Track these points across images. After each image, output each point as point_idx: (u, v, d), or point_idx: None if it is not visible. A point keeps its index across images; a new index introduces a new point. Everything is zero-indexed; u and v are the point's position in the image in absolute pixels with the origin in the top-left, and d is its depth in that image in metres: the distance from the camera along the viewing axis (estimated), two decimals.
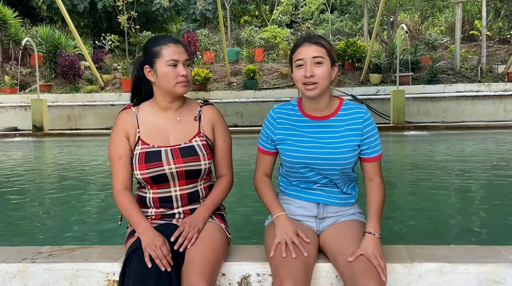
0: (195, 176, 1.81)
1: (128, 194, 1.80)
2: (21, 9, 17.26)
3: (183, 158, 1.77)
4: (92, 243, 2.99)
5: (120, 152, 1.80)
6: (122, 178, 1.80)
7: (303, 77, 1.68)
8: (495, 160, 6.28)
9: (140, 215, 1.74)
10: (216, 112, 1.91)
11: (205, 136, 1.86)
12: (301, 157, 1.74)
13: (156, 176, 1.76)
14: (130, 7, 14.10)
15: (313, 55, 1.68)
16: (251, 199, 3.78)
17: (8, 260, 1.77)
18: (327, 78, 1.69)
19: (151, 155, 1.77)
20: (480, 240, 2.94)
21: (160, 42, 1.80)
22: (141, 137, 1.81)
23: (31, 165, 7.04)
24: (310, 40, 1.71)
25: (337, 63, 1.75)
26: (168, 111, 1.86)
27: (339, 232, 1.72)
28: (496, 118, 11.05)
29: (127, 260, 1.57)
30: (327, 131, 1.76)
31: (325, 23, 18.76)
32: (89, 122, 12.09)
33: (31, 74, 14.05)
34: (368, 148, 1.77)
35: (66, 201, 4.34)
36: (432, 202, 4.05)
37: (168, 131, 1.83)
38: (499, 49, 14.49)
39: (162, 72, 1.77)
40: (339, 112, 1.77)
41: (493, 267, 1.65)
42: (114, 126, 1.85)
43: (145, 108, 1.87)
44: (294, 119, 1.80)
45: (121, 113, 1.87)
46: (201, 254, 1.60)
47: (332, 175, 1.76)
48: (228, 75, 13.12)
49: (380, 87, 12.23)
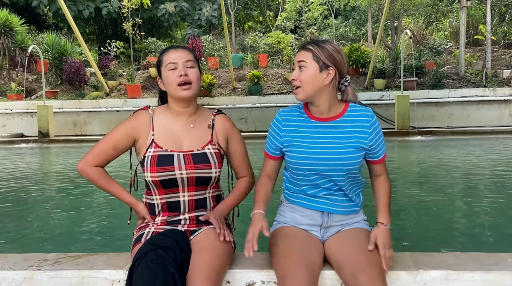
0: (205, 183, 1.82)
1: (105, 171, 1.88)
2: (27, 16, 17.45)
3: (195, 164, 1.79)
4: (98, 250, 3.00)
5: (119, 145, 1.84)
6: (102, 158, 1.84)
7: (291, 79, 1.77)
8: (501, 166, 6.24)
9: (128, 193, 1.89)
10: (228, 121, 1.95)
11: (218, 144, 1.88)
12: (307, 158, 1.74)
13: (166, 180, 1.77)
14: (135, 13, 14.21)
15: (298, 59, 1.74)
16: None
17: (15, 268, 1.78)
18: (310, 82, 1.71)
19: (164, 159, 1.78)
20: (486, 247, 2.91)
21: (163, 51, 1.88)
22: (155, 140, 1.82)
23: (36, 171, 7.08)
24: (303, 45, 1.76)
25: (333, 67, 1.72)
26: (181, 117, 1.88)
27: (344, 241, 1.72)
28: (501, 123, 11.00)
29: (134, 265, 1.58)
30: (332, 132, 1.76)
31: (329, 28, 18.80)
32: (95, 129, 12.16)
33: (37, 81, 14.17)
34: (375, 151, 1.79)
35: (72, 207, 4.36)
36: (437, 208, 4.03)
37: (182, 137, 1.85)
38: (504, 53, 14.46)
39: (165, 78, 1.83)
40: (345, 113, 1.78)
41: (499, 275, 1.64)
42: (128, 120, 1.87)
43: (161, 112, 1.90)
44: (300, 121, 1.81)
45: (138, 112, 1.89)
46: (206, 260, 1.60)
47: (338, 177, 1.75)
48: (232, 81, 13.16)
49: (385, 92, 12.23)
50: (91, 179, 1.85)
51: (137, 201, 1.88)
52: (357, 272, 1.54)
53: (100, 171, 1.86)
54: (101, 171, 1.87)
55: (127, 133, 1.84)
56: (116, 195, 1.88)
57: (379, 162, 1.82)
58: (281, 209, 1.90)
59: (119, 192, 1.87)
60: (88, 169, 1.84)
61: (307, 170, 1.76)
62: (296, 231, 1.78)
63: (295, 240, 1.72)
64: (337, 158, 1.72)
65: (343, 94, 1.81)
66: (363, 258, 1.60)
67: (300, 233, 1.78)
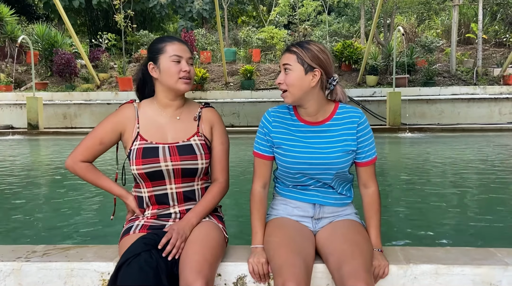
0: (192, 174, 1.81)
1: (93, 165, 1.88)
2: (18, 6, 17.18)
3: (180, 156, 1.78)
4: (87, 242, 2.98)
5: (105, 140, 1.83)
6: (89, 154, 1.84)
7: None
8: (490, 163, 6.31)
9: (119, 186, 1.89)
10: (216, 114, 1.93)
11: (204, 136, 1.87)
12: (296, 162, 1.73)
13: (151, 172, 1.76)
14: (127, 6, 14.06)
15: (283, 62, 1.73)
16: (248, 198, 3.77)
17: (3, 259, 1.76)
18: (296, 85, 1.69)
19: (149, 151, 1.77)
20: (476, 242, 2.94)
21: (166, 40, 1.84)
22: (140, 133, 1.81)
23: (25, 163, 7.00)
24: (287, 47, 1.75)
25: (319, 69, 1.69)
26: (168, 109, 1.86)
27: (331, 233, 1.72)
28: (491, 121, 11.10)
29: (125, 262, 1.52)
30: (322, 136, 1.75)
31: (322, 24, 18.79)
32: (85, 121, 12.04)
33: (26, 72, 13.99)
34: (363, 152, 1.76)
35: (61, 199, 4.32)
36: (427, 203, 4.06)
37: (167, 129, 1.83)
38: (495, 52, 14.58)
39: (165, 67, 1.80)
40: (334, 116, 1.77)
41: (488, 269, 1.65)
42: (113, 114, 1.86)
43: (146, 105, 1.88)
44: (290, 124, 1.79)
45: (123, 106, 1.88)
46: (198, 252, 1.58)
47: (326, 179, 1.76)
48: (225, 75, 13.11)
49: (377, 89, 12.28)
50: (79, 175, 1.85)
51: (127, 193, 1.87)
52: (341, 263, 1.54)
53: (88, 165, 1.85)
54: (89, 165, 1.85)
55: (112, 127, 1.83)
56: (106, 188, 1.86)
57: (366, 164, 1.77)
58: (273, 203, 1.90)
59: (109, 185, 1.86)
60: (75, 165, 1.83)
61: (296, 173, 1.76)
62: (289, 222, 1.79)
63: (289, 230, 1.72)
64: (327, 162, 1.72)
65: (332, 93, 1.79)
66: (347, 248, 1.59)
67: (293, 223, 1.78)
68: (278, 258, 1.58)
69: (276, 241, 1.66)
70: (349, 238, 1.66)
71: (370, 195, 1.79)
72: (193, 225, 1.73)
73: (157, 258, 1.55)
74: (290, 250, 1.59)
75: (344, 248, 1.60)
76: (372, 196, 1.78)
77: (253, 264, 1.66)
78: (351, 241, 1.64)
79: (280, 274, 1.51)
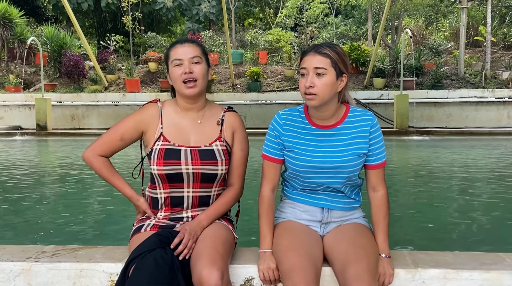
0: (211, 180, 1.80)
1: (109, 162, 1.88)
2: (27, 8, 17.34)
3: (202, 160, 1.77)
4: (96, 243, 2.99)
5: (126, 136, 1.83)
6: (108, 148, 1.84)
7: (304, 87, 1.67)
8: (499, 167, 6.25)
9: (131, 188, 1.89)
10: (238, 119, 1.91)
11: (225, 141, 1.86)
12: (307, 166, 1.72)
13: (172, 174, 1.76)
14: (135, 8, 14.14)
15: (315, 65, 1.65)
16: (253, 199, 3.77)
17: (13, 259, 1.77)
18: (328, 90, 1.66)
19: (171, 153, 1.77)
20: (485, 246, 2.92)
21: (171, 45, 1.86)
22: (164, 134, 1.81)
23: (34, 164, 7.05)
24: (317, 49, 1.67)
25: (346, 74, 1.69)
26: (189, 112, 1.87)
27: (338, 236, 1.72)
28: (499, 125, 11.02)
29: (139, 255, 1.52)
30: (334, 140, 1.74)
31: (330, 26, 18.78)
32: (93, 122, 12.12)
33: (35, 74, 14.11)
34: (374, 154, 1.76)
35: (70, 200, 4.35)
36: (435, 207, 4.03)
37: (189, 132, 1.83)
38: (503, 55, 14.48)
39: (171, 74, 1.82)
40: (345, 120, 1.76)
41: (497, 274, 1.64)
42: (137, 112, 1.86)
43: (170, 105, 1.89)
44: (301, 127, 1.77)
45: (147, 105, 1.88)
46: (210, 246, 1.58)
47: (337, 183, 1.75)
48: (232, 77, 13.13)
49: (384, 91, 12.23)
50: (95, 168, 1.85)
51: (138, 196, 1.87)
52: (345, 267, 1.53)
53: (105, 160, 1.85)
54: (106, 161, 1.86)
55: (135, 125, 1.83)
56: (117, 187, 1.87)
57: (376, 167, 1.77)
58: (281, 206, 1.90)
59: (121, 184, 1.86)
60: (93, 158, 1.83)
61: (306, 177, 1.75)
62: (298, 225, 1.78)
63: (298, 233, 1.72)
64: (338, 166, 1.71)
65: (339, 95, 1.77)
66: (352, 251, 1.59)
67: (302, 227, 1.78)
68: (288, 261, 1.58)
69: (285, 244, 1.66)
70: (354, 241, 1.65)
71: (379, 198, 1.78)
72: (204, 227, 1.74)
73: (172, 255, 1.55)
74: (300, 254, 1.59)
75: (349, 251, 1.59)
76: (381, 200, 1.77)
77: (263, 270, 1.65)
78: (356, 244, 1.64)
79: (290, 277, 1.51)
